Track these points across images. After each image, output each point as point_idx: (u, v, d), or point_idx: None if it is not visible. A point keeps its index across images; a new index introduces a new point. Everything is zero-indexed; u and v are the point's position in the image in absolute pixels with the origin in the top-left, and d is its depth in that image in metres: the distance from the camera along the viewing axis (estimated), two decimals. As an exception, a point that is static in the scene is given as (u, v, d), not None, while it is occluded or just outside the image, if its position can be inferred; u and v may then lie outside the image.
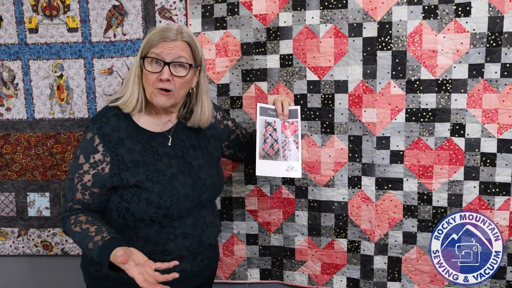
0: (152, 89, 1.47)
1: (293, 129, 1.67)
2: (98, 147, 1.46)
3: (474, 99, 1.83)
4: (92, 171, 1.46)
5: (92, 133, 1.47)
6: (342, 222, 2.03)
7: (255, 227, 2.12)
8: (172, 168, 1.52)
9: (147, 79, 1.47)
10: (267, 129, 1.61)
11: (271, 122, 1.63)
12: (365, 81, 1.91)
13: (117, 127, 1.48)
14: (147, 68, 1.46)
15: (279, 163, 1.66)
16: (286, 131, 1.66)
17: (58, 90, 2.11)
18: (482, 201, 1.88)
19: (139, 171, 1.47)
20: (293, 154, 1.66)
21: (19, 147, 2.16)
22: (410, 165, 1.92)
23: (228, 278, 2.18)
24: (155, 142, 1.53)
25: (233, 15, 1.98)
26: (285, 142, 1.65)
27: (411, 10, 1.83)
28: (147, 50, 1.47)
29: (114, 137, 1.47)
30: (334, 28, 1.90)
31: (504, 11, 1.75)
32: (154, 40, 1.46)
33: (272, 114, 1.65)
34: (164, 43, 1.45)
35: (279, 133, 1.63)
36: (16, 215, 2.22)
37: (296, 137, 1.67)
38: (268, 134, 1.61)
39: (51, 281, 2.31)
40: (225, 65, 2.02)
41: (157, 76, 1.45)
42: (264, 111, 1.65)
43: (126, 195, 1.48)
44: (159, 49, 1.45)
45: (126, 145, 1.48)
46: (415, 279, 2.00)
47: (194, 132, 1.63)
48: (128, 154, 1.47)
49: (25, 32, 2.08)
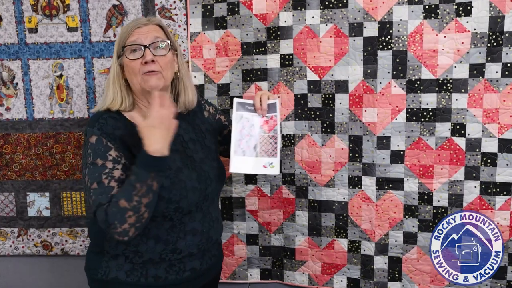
0: (139, 76, 1.48)
1: (272, 124, 1.60)
2: (108, 144, 1.42)
3: (475, 99, 1.83)
4: (118, 165, 1.40)
5: (95, 135, 1.43)
6: (343, 222, 2.03)
7: (255, 227, 2.12)
8: (176, 162, 1.51)
9: (132, 68, 1.48)
10: (244, 125, 1.54)
11: (248, 117, 1.56)
12: (366, 81, 1.91)
13: (116, 126, 1.46)
14: (129, 57, 1.47)
15: (256, 159, 1.59)
16: (265, 126, 1.58)
17: (58, 90, 2.11)
18: (483, 201, 1.88)
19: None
20: (271, 150, 1.59)
21: (18, 147, 2.15)
22: (411, 165, 1.92)
23: (229, 278, 2.18)
24: None
25: (233, 15, 1.97)
26: (263, 137, 1.58)
27: (412, 9, 1.83)
28: (123, 43, 1.49)
29: (117, 135, 1.44)
30: (334, 27, 1.90)
31: (505, 10, 1.75)
32: (127, 31, 1.49)
33: (250, 109, 1.58)
34: (137, 30, 1.49)
35: (257, 128, 1.56)
36: (16, 215, 2.21)
37: (275, 132, 1.60)
38: (245, 130, 1.54)
39: (51, 281, 2.31)
40: (225, 64, 2.02)
41: (140, 61, 1.46)
42: (241, 106, 1.58)
43: None
44: (135, 36, 1.48)
45: (128, 141, 1.45)
46: (416, 279, 2.00)
47: (190, 126, 1.63)
48: (134, 149, 1.44)
49: (24, 31, 2.07)
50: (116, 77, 1.51)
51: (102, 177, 1.37)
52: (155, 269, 1.49)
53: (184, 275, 1.53)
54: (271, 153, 1.58)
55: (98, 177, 1.37)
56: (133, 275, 1.46)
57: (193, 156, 1.57)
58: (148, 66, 1.47)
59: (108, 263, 1.50)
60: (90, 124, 1.46)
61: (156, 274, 1.49)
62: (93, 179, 1.38)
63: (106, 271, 1.50)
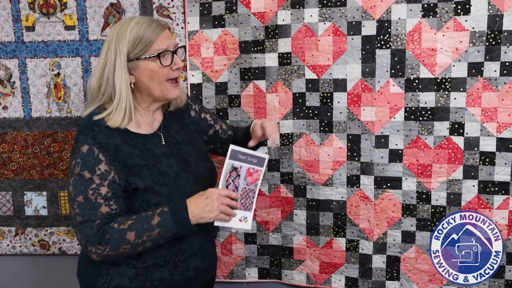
0: (163, 85, 1.44)
1: (255, 178, 1.55)
2: (99, 156, 1.36)
3: (473, 98, 1.83)
4: (105, 182, 1.35)
5: (87, 144, 1.36)
6: (341, 221, 2.02)
7: (253, 226, 2.11)
8: (174, 168, 1.48)
9: (161, 75, 1.42)
10: (231, 174, 1.49)
11: (237, 167, 1.49)
12: (364, 80, 1.90)
13: (111, 134, 1.39)
14: (164, 64, 1.42)
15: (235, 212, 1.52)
16: (248, 179, 1.54)
17: (55, 88, 2.10)
18: (481, 200, 1.88)
19: (144, 176, 1.41)
20: (248, 203, 1.55)
21: (16, 146, 2.14)
22: (409, 164, 1.92)
23: (227, 277, 2.18)
24: (150, 143, 1.47)
25: (231, 13, 1.96)
26: (244, 190, 1.53)
27: (410, 8, 1.82)
28: (147, 48, 1.40)
29: (111, 144, 1.38)
30: (333, 26, 1.89)
31: (503, 9, 1.75)
32: (152, 34, 1.40)
33: (241, 158, 1.51)
34: (162, 34, 1.42)
35: (241, 180, 1.51)
36: (13, 214, 2.21)
37: (255, 186, 1.56)
38: (231, 180, 1.49)
39: (48, 281, 2.31)
40: (223, 63, 2.01)
41: (168, 68, 1.43)
42: (234, 154, 1.50)
43: (133, 204, 1.42)
44: (162, 42, 1.42)
45: (125, 150, 1.40)
46: (414, 278, 1.99)
47: (180, 127, 1.60)
48: (129, 160, 1.39)
49: (21, 30, 2.06)
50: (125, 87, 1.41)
51: (88, 192, 1.34)
52: (159, 272, 1.47)
53: (188, 275, 1.52)
54: (247, 207, 1.54)
55: (84, 192, 1.34)
56: (137, 280, 1.44)
57: (188, 159, 1.54)
58: (176, 73, 1.45)
59: (109, 270, 1.45)
60: (83, 131, 1.39)
61: (161, 277, 1.47)
62: (79, 192, 1.35)
63: (107, 279, 1.45)
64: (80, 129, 1.40)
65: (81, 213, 1.34)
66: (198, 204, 1.38)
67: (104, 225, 1.35)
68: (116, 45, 1.39)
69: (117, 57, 1.39)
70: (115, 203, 1.37)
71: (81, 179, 1.35)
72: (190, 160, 1.55)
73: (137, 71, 1.42)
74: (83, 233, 1.34)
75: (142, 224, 1.34)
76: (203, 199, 1.39)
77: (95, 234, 1.33)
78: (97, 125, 1.39)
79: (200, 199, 1.39)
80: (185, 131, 1.61)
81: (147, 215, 1.36)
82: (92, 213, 1.34)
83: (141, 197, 1.41)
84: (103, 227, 1.34)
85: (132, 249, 1.35)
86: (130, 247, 1.35)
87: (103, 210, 1.35)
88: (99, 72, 1.42)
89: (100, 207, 1.35)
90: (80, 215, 1.34)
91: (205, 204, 1.38)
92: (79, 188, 1.34)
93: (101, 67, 1.42)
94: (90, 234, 1.33)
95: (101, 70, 1.42)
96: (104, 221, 1.35)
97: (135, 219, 1.35)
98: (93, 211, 1.34)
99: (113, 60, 1.39)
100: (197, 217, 1.37)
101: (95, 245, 1.34)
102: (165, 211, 1.36)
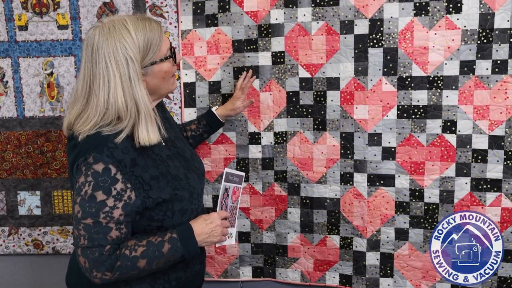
0: (170, 81, 1.42)
1: (237, 195, 1.63)
2: (116, 176, 1.26)
3: (466, 96, 1.84)
4: (119, 203, 1.26)
5: (103, 163, 1.24)
6: (335, 218, 2.03)
7: (247, 224, 2.12)
8: (180, 169, 1.45)
9: (169, 72, 1.39)
10: (223, 196, 1.55)
11: (228, 188, 1.56)
12: (357, 78, 1.91)
13: (126, 149, 1.29)
14: (178, 60, 1.44)
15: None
16: (233, 197, 1.60)
17: (48, 88, 2.10)
18: (474, 198, 1.89)
19: (162, 185, 1.35)
20: (233, 220, 1.62)
21: (9, 145, 2.14)
22: (402, 161, 1.93)
23: (220, 276, 2.18)
24: (156, 148, 1.39)
25: (224, 12, 1.97)
26: (231, 208, 1.60)
27: (402, 7, 1.83)
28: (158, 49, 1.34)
29: (127, 160, 1.28)
30: (325, 25, 1.90)
31: (495, 7, 1.76)
32: (157, 36, 1.34)
33: (233, 180, 1.57)
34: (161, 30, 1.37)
35: (229, 199, 1.59)
36: (7, 213, 2.20)
37: (237, 203, 1.64)
38: (223, 200, 1.56)
39: (42, 280, 2.30)
40: (217, 62, 2.01)
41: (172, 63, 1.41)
42: (227, 177, 1.56)
43: (156, 215, 1.35)
44: (165, 38, 1.38)
45: (140, 163, 1.31)
46: (407, 275, 2.00)
47: (168, 124, 1.55)
48: (145, 173, 1.32)
49: (14, 29, 2.06)
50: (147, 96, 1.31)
51: (100, 215, 1.25)
52: (174, 272, 1.46)
53: (196, 269, 1.53)
54: (232, 224, 1.61)
55: (95, 215, 1.24)
56: (157, 284, 1.43)
57: (185, 156, 1.52)
58: (176, 67, 1.45)
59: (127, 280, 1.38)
60: (96, 148, 1.26)
61: (177, 276, 1.47)
62: (88, 214, 1.24)
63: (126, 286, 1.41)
64: (93, 146, 1.27)
65: (88, 237, 1.25)
66: (203, 229, 1.42)
67: (114, 251, 1.28)
68: (125, 55, 1.27)
69: (129, 68, 1.27)
70: (125, 226, 1.30)
71: (91, 200, 1.24)
72: (187, 157, 1.53)
73: (150, 75, 1.35)
74: (90, 258, 1.25)
75: (154, 251, 1.32)
76: (207, 224, 1.43)
77: (105, 260, 1.26)
78: (111, 141, 1.27)
79: (205, 224, 1.43)
80: (172, 127, 1.57)
81: (158, 241, 1.33)
82: (101, 238, 1.25)
83: (165, 206, 1.36)
84: (113, 253, 1.27)
85: (138, 274, 1.33)
86: (137, 273, 1.32)
87: (113, 234, 1.27)
88: (120, 90, 1.27)
89: (110, 232, 1.26)
90: (86, 238, 1.25)
91: (210, 229, 1.43)
92: (89, 211, 1.24)
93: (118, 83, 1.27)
94: (99, 260, 1.25)
95: (120, 86, 1.27)
96: (114, 246, 1.28)
97: (146, 246, 1.31)
98: (103, 235, 1.25)
99: (127, 73, 1.27)
100: (202, 241, 1.42)
101: (103, 271, 1.26)
102: (175, 238, 1.35)
